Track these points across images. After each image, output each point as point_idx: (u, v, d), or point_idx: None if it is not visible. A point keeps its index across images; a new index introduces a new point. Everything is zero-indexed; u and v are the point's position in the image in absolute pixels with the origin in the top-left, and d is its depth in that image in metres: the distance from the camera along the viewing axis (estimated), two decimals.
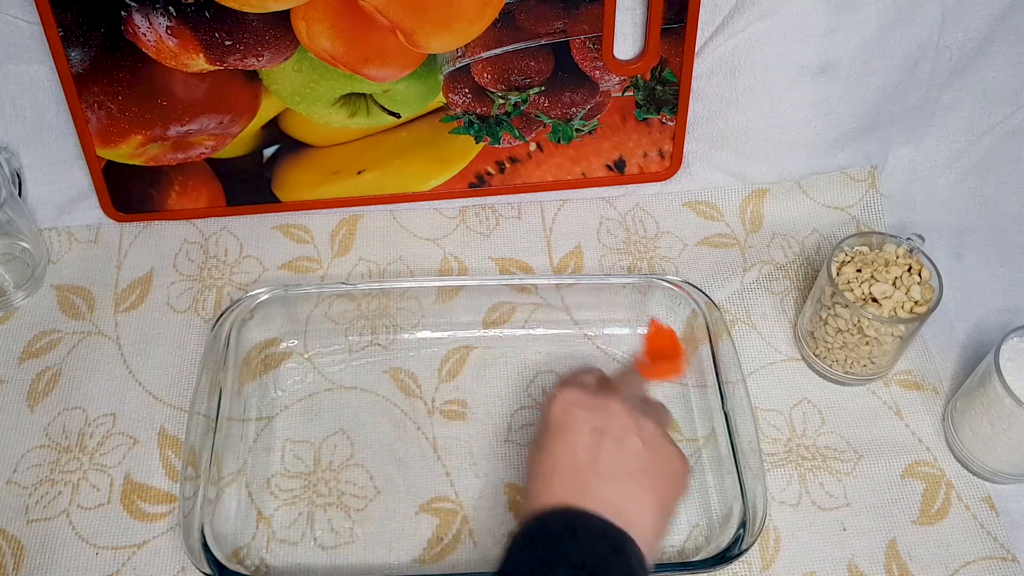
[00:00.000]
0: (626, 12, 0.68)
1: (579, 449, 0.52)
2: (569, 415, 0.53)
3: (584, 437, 0.52)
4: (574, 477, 0.51)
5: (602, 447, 0.51)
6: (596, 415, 0.53)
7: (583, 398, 0.54)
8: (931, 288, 0.63)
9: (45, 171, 0.73)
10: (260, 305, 0.67)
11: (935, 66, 0.74)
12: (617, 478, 0.51)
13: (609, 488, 0.50)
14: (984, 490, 0.63)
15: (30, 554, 0.59)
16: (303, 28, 0.66)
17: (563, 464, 0.51)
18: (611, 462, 0.51)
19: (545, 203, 0.78)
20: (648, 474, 0.52)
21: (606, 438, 0.52)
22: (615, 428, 0.52)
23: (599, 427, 0.52)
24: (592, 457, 0.51)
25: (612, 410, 0.53)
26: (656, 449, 0.53)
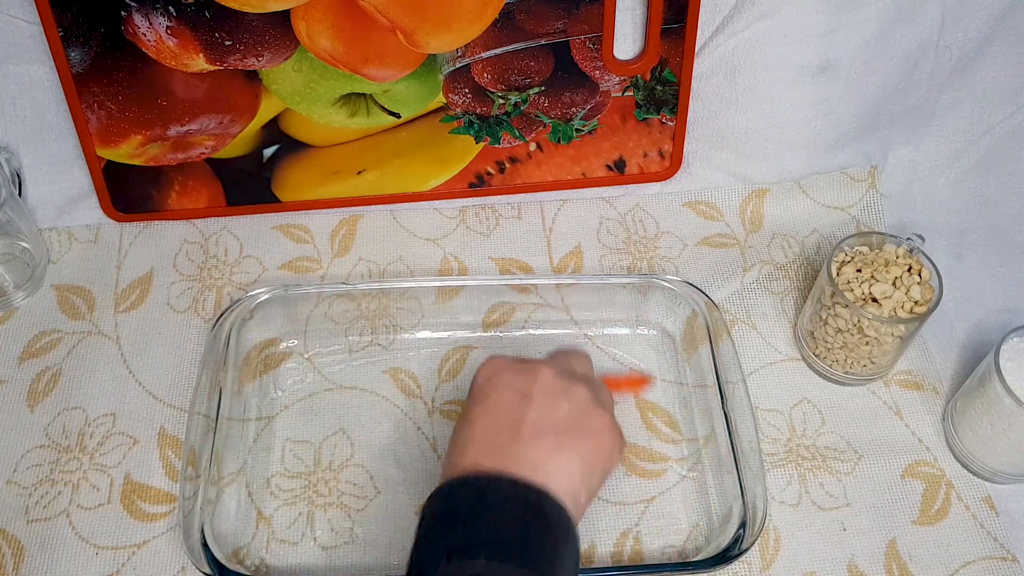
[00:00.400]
0: (626, 12, 0.68)
1: (500, 412, 0.49)
2: (492, 381, 0.51)
3: (506, 400, 0.50)
4: (492, 439, 0.48)
5: (525, 409, 0.49)
6: (521, 378, 0.51)
7: (509, 364, 0.52)
8: (931, 288, 0.63)
9: (45, 171, 0.73)
10: (260, 305, 0.67)
11: (935, 66, 0.74)
12: (538, 437, 0.48)
13: (528, 448, 0.48)
14: (984, 490, 0.63)
15: (30, 554, 0.59)
16: (303, 28, 0.66)
17: (482, 427, 0.49)
18: (533, 423, 0.49)
19: (545, 203, 0.78)
20: (572, 434, 0.49)
21: (531, 400, 0.50)
22: (541, 391, 0.50)
23: (523, 390, 0.50)
24: (513, 419, 0.49)
25: (540, 374, 0.51)
26: (585, 413, 0.50)
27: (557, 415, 0.50)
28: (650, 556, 0.60)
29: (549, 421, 0.49)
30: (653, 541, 0.61)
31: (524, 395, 0.50)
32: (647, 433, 0.66)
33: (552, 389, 0.51)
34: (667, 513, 0.62)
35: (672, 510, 0.62)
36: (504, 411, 0.50)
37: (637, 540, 0.61)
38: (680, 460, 0.65)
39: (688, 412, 0.67)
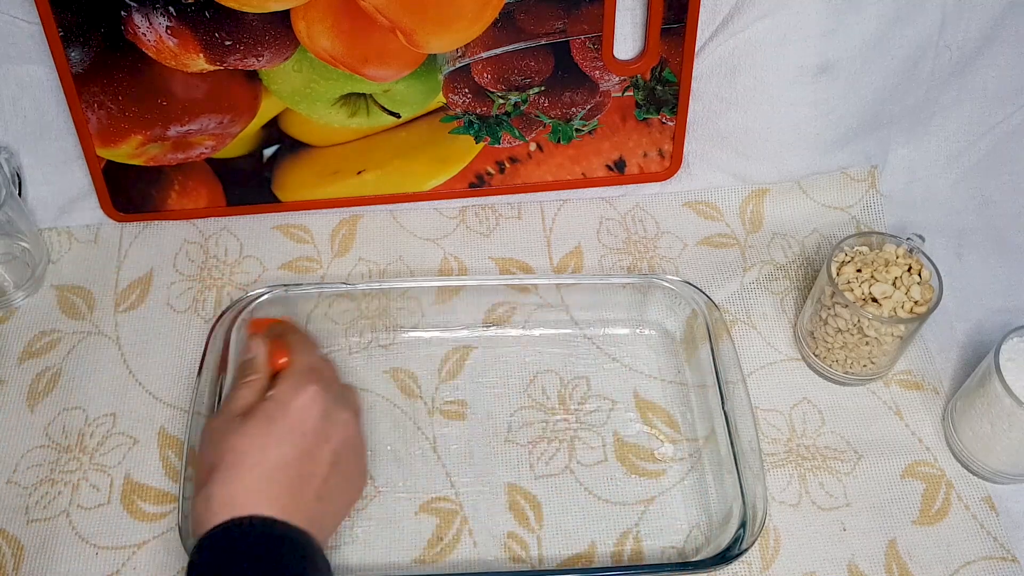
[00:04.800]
0: (626, 12, 0.68)
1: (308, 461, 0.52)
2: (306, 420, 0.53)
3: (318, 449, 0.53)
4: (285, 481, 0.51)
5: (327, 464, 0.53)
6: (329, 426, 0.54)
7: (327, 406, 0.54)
8: (931, 288, 0.63)
9: (45, 171, 0.73)
10: (260, 305, 0.67)
11: (935, 66, 0.74)
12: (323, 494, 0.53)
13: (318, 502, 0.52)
14: (984, 490, 0.63)
15: (30, 554, 0.59)
16: (303, 28, 0.66)
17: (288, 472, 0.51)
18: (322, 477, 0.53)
19: (545, 203, 0.78)
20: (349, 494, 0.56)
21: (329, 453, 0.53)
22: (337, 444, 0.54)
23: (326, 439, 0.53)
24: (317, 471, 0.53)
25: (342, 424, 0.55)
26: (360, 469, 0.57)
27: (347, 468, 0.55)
28: (650, 556, 0.60)
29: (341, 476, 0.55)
30: (653, 541, 0.61)
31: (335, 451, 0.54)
32: (647, 433, 0.66)
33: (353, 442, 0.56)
34: (667, 513, 0.62)
35: (672, 510, 0.62)
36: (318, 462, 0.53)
37: (637, 540, 0.61)
38: (680, 460, 0.65)
39: (688, 412, 0.67)
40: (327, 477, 0.53)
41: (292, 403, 0.53)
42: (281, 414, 0.53)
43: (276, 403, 0.53)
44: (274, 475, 0.51)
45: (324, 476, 0.53)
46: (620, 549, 0.61)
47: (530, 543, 0.61)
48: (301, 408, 0.53)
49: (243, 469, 0.51)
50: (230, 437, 0.52)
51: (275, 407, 0.53)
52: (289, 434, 0.52)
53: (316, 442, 0.53)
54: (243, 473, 0.51)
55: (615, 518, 0.62)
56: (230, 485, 0.50)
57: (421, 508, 0.62)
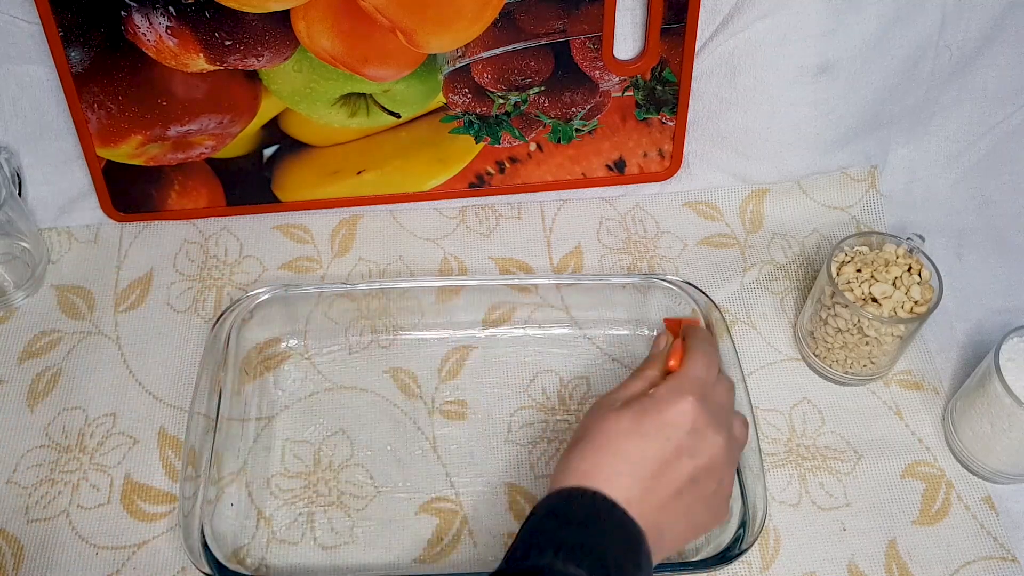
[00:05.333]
0: (626, 12, 0.68)
1: (666, 469, 0.51)
2: (680, 432, 0.52)
3: (677, 461, 0.51)
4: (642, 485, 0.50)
5: (684, 479, 0.51)
6: (701, 447, 0.52)
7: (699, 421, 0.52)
8: (931, 288, 0.63)
9: (45, 171, 0.73)
10: (260, 305, 0.67)
11: (935, 66, 0.74)
12: (673, 511, 0.51)
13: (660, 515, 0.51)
14: (984, 490, 0.63)
15: (30, 554, 0.59)
16: (303, 28, 0.66)
17: (641, 469, 0.50)
18: (680, 495, 0.51)
19: (545, 203, 0.78)
20: (698, 518, 0.53)
21: (692, 473, 0.52)
22: (706, 469, 0.52)
23: (696, 459, 0.52)
24: (670, 481, 0.51)
25: (715, 450, 0.53)
26: (719, 499, 0.54)
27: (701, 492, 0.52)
28: None
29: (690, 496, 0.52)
30: None
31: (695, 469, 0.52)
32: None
33: (714, 468, 0.53)
34: None
35: None
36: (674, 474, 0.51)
37: None
38: None
39: None
40: (681, 491, 0.51)
41: (666, 407, 0.52)
42: (654, 413, 0.52)
43: (652, 401, 0.53)
44: (629, 466, 0.50)
45: (678, 489, 0.51)
46: None
47: None
48: (674, 414, 0.52)
49: (602, 450, 0.51)
50: (604, 418, 0.52)
51: (651, 404, 0.53)
52: (655, 435, 0.51)
53: (678, 453, 0.51)
54: (601, 453, 0.51)
55: None
56: (587, 460, 0.51)
57: (421, 508, 0.62)
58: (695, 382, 0.54)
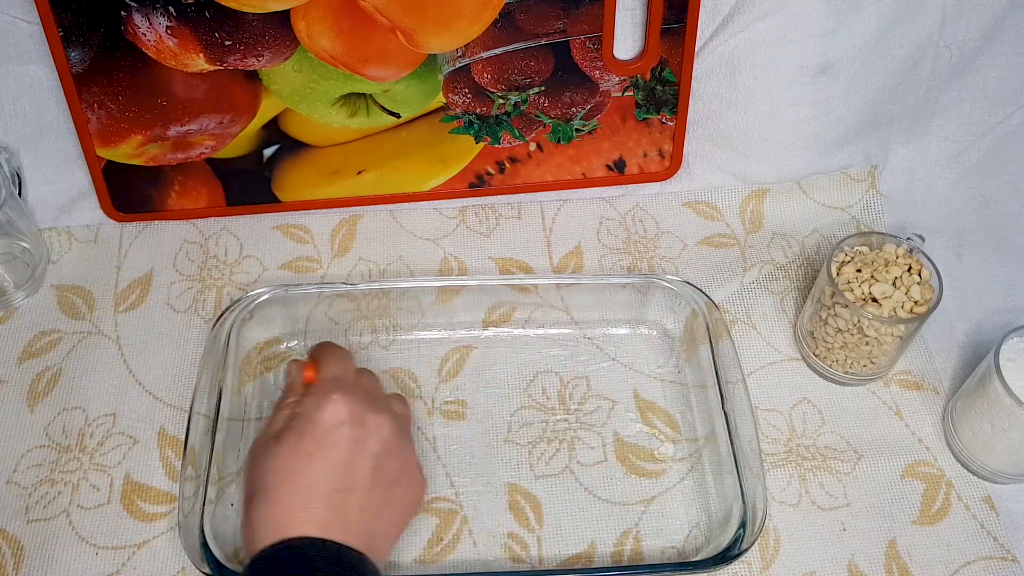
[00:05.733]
0: (626, 12, 0.68)
1: (337, 470, 0.50)
2: (335, 432, 0.51)
3: (344, 457, 0.50)
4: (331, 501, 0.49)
5: (359, 470, 0.51)
6: (360, 433, 0.51)
7: (356, 413, 0.52)
8: (931, 288, 0.63)
9: (45, 171, 0.73)
10: (260, 305, 0.67)
11: (935, 66, 0.74)
12: (369, 505, 0.50)
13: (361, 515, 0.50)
14: (984, 490, 0.63)
15: (30, 554, 0.59)
16: (303, 28, 0.66)
17: (320, 483, 0.50)
18: (365, 488, 0.51)
19: (545, 203, 0.78)
20: (400, 501, 0.53)
21: (365, 461, 0.51)
22: (374, 450, 0.51)
23: (361, 447, 0.51)
24: (356, 485, 0.50)
25: (382, 433, 0.52)
26: (409, 474, 0.54)
27: (387, 478, 0.52)
28: (650, 556, 0.60)
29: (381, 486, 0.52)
30: (653, 541, 0.61)
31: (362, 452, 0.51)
32: (647, 433, 0.66)
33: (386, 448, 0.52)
34: (667, 513, 0.62)
35: (672, 510, 0.62)
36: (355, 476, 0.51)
37: (637, 540, 0.61)
38: (680, 460, 0.65)
39: (688, 412, 0.67)
40: (370, 488, 0.51)
41: (318, 414, 0.51)
42: (309, 427, 0.51)
43: (303, 418, 0.52)
44: (311, 491, 0.49)
45: (366, 487, 0.50)
46: (620, 549, 0.61)
47: (530, 543, 0.61)
48: (328, 418, 0.51)
49: (279, 490, 0.49)
50: (265, 459, 0.51)
51: (303, 422, 0.51)
52: (320, 447, 0.50)
53: (350, 451, 0.51)
54: (280, 494, 0.49)
55: (615, 518, 0.62)
56: (270, 508, 0.49)
57: (421, 508, 0.62)
58: (334, 381, 0.54)
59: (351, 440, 0.51)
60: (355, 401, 0.52)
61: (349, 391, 0.53)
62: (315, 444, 0.51)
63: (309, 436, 0.51)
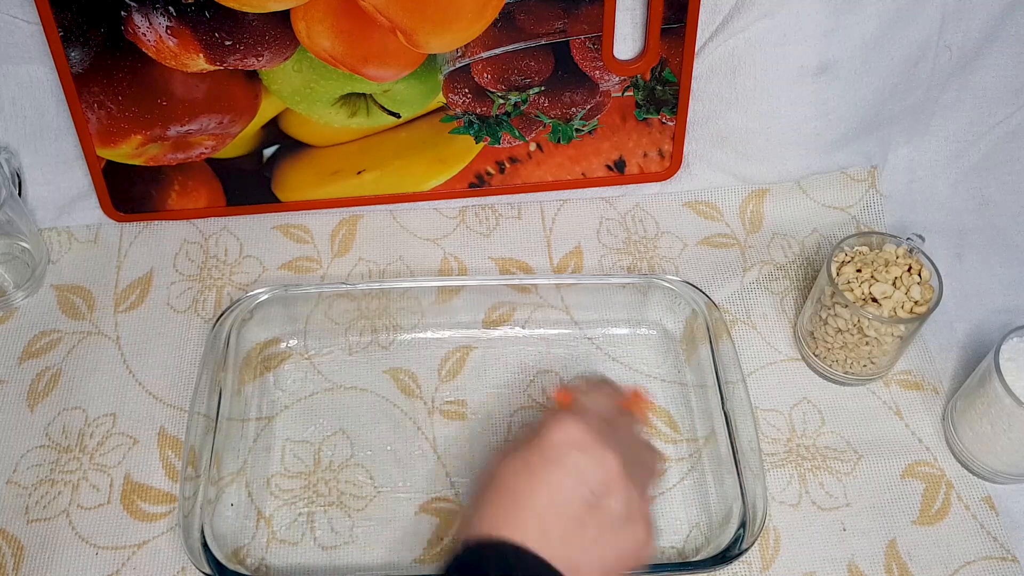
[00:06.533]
0: (626, 12, 0.68)
1: (558, 494, 0.49)
2: (566, 454, 0.50)
3: (569, 484, 0.49)
4: (541, 519, 0.49)
5: (581, 502, 0.49)
6: (591, 465, 0.50)
7: (585, 440, 0.51)
8: (931, 288, 0.63)
9: (45, 171, 0.73)
10: (260, 305, 0.67)
11: (935, 66, 0.74)
12: (579, 533, 0.49)
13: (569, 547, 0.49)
14: (984, 490, 0.63)
15: (30, 554, 0.59)
16: (303, 28, 0.66)
17: (537, 501, 0.49)
18: (578, 515, 0.49)
19: (545, 203, 0.78)
20: (612, 546, 0.50)
21: (590, 495, 0.50)
22: (603, 487, 0.50)
23: (588, 479, 0.50)
24: (567, 508, 0.49)
25: (608, 466, 0.50)
26: (632, 522, 0.51)
27: (607, 520, 0.50)
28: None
29: (597, 525, 0.50)
30: None
31: (586, 484, 0.50)
32: (647, 433, 0.66)
33: (614, 488, 0.50)
34: (667, 513, 0.62)
35: (672, 510, 0.62)
36: (561, 494, 0.49)
37: None
38: (680, 460, 0.65)
39: (688, 412, 0.67)
40: (580, 517, 0.49)
41: (550, 432, 0.51)
42: (537, 442, 0.51)
43: (537, 433, 0.51)
44: (522, 503, 0.49)
45: (578, 515, 0.49)
46: None
47: None
48: (557, 436, 0.50)
49: (496, 494, 0.50)
50: (496, 463, 0.51)
51: (536, 436, 0.51)
52: (544, 464, 0.50)
53: (571, 476, 0.50)
54: (495, 498, 0.50)
55: None
56: (481, 510, 0.50)
57: (421, 508, 0.62)
58: (580, 407, 0.53)
59: (574, 465, 0.50)
60: (591, 430, 0.51)
61: (587, 419, 0.52)
62: (541, 460, 0.50)
63: (536, 450, 0.50)
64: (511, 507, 0.49)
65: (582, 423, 0.51)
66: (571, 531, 0.49)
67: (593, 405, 0.55)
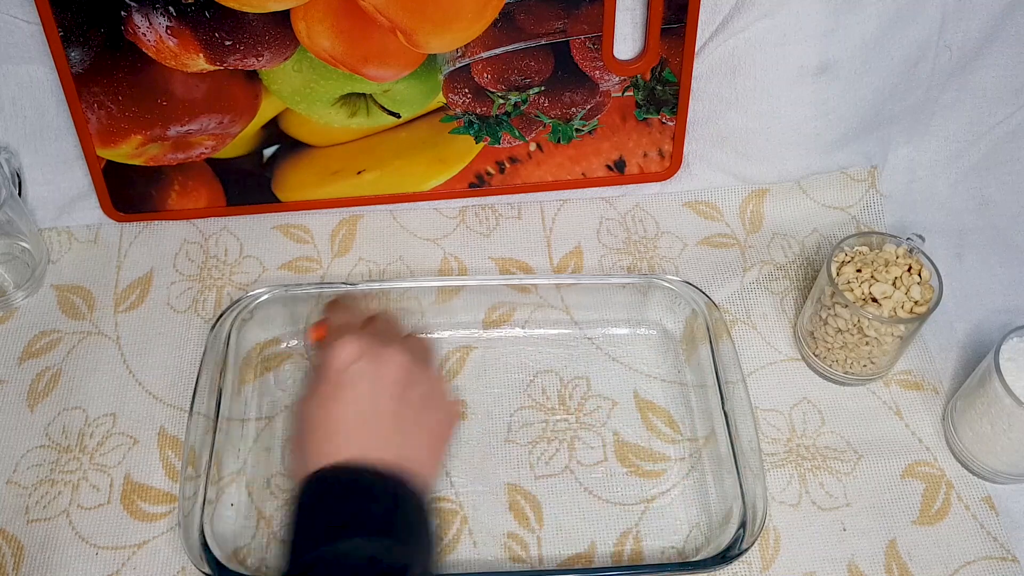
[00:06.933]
0: (626, 12, 0.68)
1: (359, 404, 0.50)
2: (348, 371, 0.51)
3: (363, 392, 0.51)
4: (354, 432, 0.50)
5: (381, 400, 0.51)
6: (374, 366, 0.51)
7: (361, 349, 0.52)
8: (931, 288, 0.63)
9: (45, 171, 0.73)
10: (260, 305, 0.67)
11: (935, 66, 0.74)
12: (397, 430, 0.50)
13: (389, 441, 0.50)
14: (984, 490, 0.63)
15: (30, 554, 0.59)
16: (303, 28, 0.66)
17: (343, 420, 0.50)
18: (390, 414, 0.51)
19: (545, 203, 0.78)
20: (424, 423, 0.52)
21: (384, 391, 0.51)
22: (392, 379, 0.51)
23: (377, 378, 0.51)
24: (372, 411, 0.50)
25: (388, 360, 0.52)
26: (431, 396, 0.53)
27: (409, 403, 0.52)
28: (650, 556, 0.60)
29: (403, 411, 0.51)
30: (653, 541, 0.61)
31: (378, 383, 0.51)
32: (647, 433, 0.66)
33: (401, 376, 0.52)
34: (667, 513, 0.62)
35: (672, 510, 0.62)
36: (362, 402, 0.51)
37: (637, 540, 0.61)
38: (680, 460, 0.65)
39: (688, 412, 0.67)
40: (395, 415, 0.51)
41: (328, 361, 0.52)
42: (323, 375, 0.52)
43: (316, 369, 0.53)
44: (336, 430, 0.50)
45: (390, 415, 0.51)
46: (620, 549, 0.61)
47: (530, 543, 0.61)
48: (337, 361, 0.52)
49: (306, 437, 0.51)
50: (293, 420, 0.53)
51: (316, 373, 0.53)
52: (337, 389, 0.51)
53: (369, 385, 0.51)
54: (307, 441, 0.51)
55: (615, 518, 0.62)
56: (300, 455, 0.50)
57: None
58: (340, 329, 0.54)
59: (366, 375, 0.51)
60: (364, 340, 0.52)
61: (357, 333, 0.53)
62: (331, 388, 0.51)
63: (324, 383, 0.51)
64: (324, 438, 0.50)
65: (355, 338, 0.52)
66: (391, 432, 0.50)
67: (347, 320, 0.56)
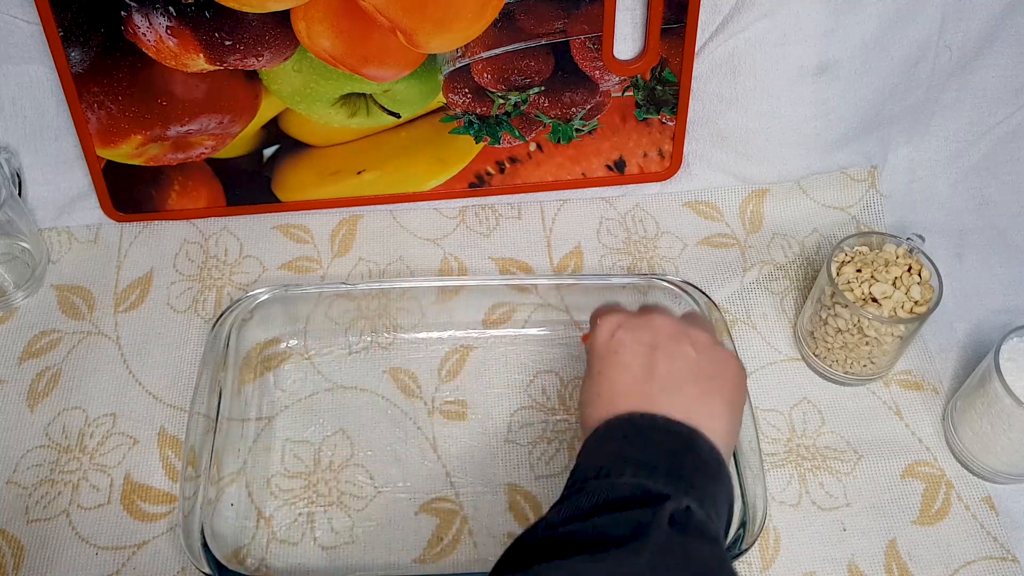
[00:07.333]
0: (626, 12, 0.68)
1: (633, 366, 0.51)
2: (614, 338, 0.52)
3: (636, 354, 0.51)
4: (634, 390, 0.50)
5: (656, 360, 0.51)
6: (642, 333, 0.52)
7: (624, 319, 0.53)
8: (931, 288, 0.63)
9: (45, 171, 0.73)
10: (260, 305, 0.67)
11: (935, 66, 0.74)
12: (677, 386, 0.50)
13: (671, 396, 0.49)
14: (984, 490, 0.63)
15: (30, 554, 0.59)
16: (303, 28, 0.66)
17: (620, 382, 0.50)
18: (667, 372, 0.50)
19: (545, 203, 0.78)
20: (707, 377, 0.51)
21: (658, 351, 0.51)
22: (664, 340, 0.52)
23: (648, 342, 0.51)
24: (647, 371, 0.50)
25: (656, 324, 0.52)
26: (710, 354, 0.52)
27: (686, 360, 0.51)
28: None
29: (681, 368, 0.51)
30: None
31: (651, 347, 0.51)
32: None
33: (674, 336, 0.52)
34: None
35: None
36: (638, 364, 0.51)
37: None
38: None
39: None
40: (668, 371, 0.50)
41: (593, 342, 0.53)
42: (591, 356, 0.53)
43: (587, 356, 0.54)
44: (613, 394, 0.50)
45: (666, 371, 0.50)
46: None
47: None
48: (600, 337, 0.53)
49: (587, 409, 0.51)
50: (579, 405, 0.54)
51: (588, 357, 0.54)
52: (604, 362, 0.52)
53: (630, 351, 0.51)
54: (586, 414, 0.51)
55: None
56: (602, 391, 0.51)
57: (421, 508, 0.62)
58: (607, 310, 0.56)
59: (627, 341, 0.52)
60: (621, 314, 0.54)
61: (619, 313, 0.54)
62: (600, 362, 0.52)
63: (593, 359, 0.53)
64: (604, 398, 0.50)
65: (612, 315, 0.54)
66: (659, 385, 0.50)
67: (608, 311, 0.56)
